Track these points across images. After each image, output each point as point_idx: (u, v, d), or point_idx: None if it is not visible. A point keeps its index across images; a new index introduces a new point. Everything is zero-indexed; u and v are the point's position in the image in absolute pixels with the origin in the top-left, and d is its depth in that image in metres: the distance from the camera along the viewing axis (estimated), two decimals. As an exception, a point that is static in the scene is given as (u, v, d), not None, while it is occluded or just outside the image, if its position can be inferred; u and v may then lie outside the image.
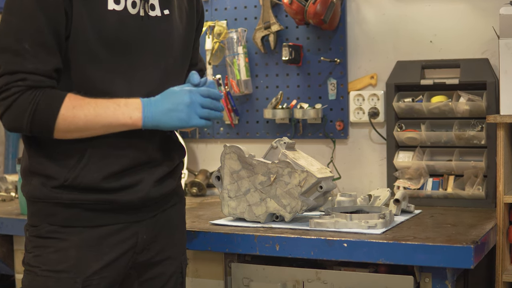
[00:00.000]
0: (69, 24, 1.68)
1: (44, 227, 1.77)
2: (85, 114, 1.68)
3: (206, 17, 3.16)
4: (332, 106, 2.99)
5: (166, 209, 1.93)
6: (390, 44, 2.90)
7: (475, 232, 2.13)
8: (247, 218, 2.29)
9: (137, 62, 1.78)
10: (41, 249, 1.77)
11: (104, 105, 1.70)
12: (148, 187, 1.83)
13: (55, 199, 1.75)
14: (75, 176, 1.74)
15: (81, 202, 1.76)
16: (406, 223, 2.29)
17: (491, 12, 2.68)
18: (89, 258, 1.77)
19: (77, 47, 1.70)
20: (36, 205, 1.79)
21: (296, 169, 2.22)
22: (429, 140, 2.74)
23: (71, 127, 1.69)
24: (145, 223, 1.86)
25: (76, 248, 1.76)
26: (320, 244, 2.08)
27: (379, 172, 2.93)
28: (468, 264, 1.95)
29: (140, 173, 1.82)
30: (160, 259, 1.92)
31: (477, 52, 2.75)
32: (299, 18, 2.86)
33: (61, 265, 1.75)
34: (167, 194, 1.91)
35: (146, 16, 1.79)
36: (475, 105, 2.65)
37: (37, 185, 1.77)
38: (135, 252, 1.85)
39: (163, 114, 1.74)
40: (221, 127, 3.19)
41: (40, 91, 1.66)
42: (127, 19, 1.75)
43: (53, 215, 1.77)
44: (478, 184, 2.63)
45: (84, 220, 1.78)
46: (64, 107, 1.67)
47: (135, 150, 1.80)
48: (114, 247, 1.80)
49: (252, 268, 2.22)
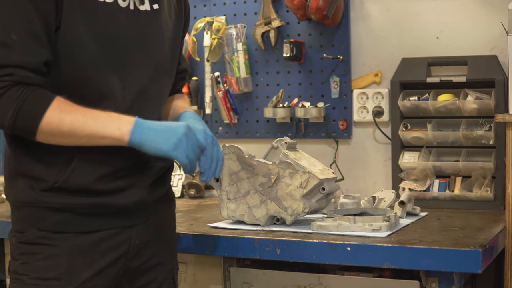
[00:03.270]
0: (59, 15, 1.66)
1: (33, 232, 1.74)
2: (72, 120, 1.65)
3: (205, 13, 3.17)
4: (335, 105, 2.99)
5: (158, 213, 1.92)
6: (395, 41, 2.90)
7: (483, 235, 2.13)
8: (247, 221, 2.29)
9: (128, 57, 1.77)
10: (29, 256, 1.74)
11: (94, 114, 1.67)
12: (142, 190, 1.82)
13: (44, 203, 1.72)
14: (66, 177, 1.72)
15: (73, 206, 1.74)
16: (412, 226, 2.29)
17: (500, 8, 2.68)
18: (80, 265, 1.75)
19: (68, 40, 1.68)
20: (23, 210, 1.76)
21: (298, 170, 2.22)
22: (436, 140, 2.74)
23: (55, 132, 1.65)
24: (137, 228, 1.85)
25: (66, 254, 1.74)
26: (323, 247, 2.08)
27: (383, 173, 2.93)
28: (476, 269, 1.95)
29: (134, 176, 1.81)
30: (151, 265, 1.91)
31: (485, 49, 2.75)
32: (301, 14, 2.86)
33: (51, 273, 1.73)
34: (159, 197, 1.91)
35: (136, 10, 1.78)
36: (483, 104, 2.65)
37: (24, 188, 1.74)
38: (127, 258, 1.84)
39: (154, 133, 1.70)
40: (220, 126, 3.19)
41: (28, 89, 1.64)
42: (117, 12, 1.74)
43: (42, 220, 1.74)
44: (486, 186, 2.63)
45: (76, 225, 1.75)
46: (50, 110, 1.64)
47: (127, 151, 1.78)
48: (106, 254, 1.79)
49: (252, 272, 2.22)
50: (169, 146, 1.71)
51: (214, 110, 3.19)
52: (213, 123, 3.20)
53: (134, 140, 1.69)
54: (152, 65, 1.83)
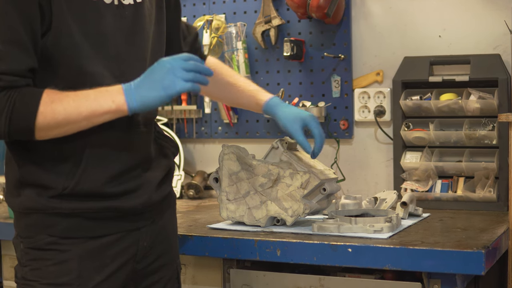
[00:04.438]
0: (48, 20, 1.65)
1: (43, 238, 1.74)
2: (65, 107, 1.64)
3: (204, 11, 3.17)
4: (336, 104, 2.99)
5: (162, 213, 1.93)
6: (397, 39, 2.90)
7: (486, 237, 2.13)
8: (247, 222, 2.29)
9: (119, 54, 1.77)
10: (39, 262, 1.74)
11: (84, 95, 1.66)
12: (149, 191, 1.83)
13: (53, 209, 1.72)
14: (76, 183, 1.72)
15: (82, 211, 1.74)
16: (414, 227, 2.29)
17: (503, 6, 2.68)
18: (91, 270, 1.75)
19: (62, 43, 1.67)
20: (31, 216, 1.75)
21: (298, 171, 2.22)
22: (438, 140, 2.74)
23: (51, 124, 1.64)
24: (145, 230, 1.86)
25: (77, 259, 1.74)
26: (324, 249, 2.07)
27: (385, 174, 2.93)
28: (479, 270, 1.95)
29: (141, 176, 1.82)
30: (157, 266, 1.92)
31: (489, 48, 2.75)
32: (301, 12, 2.86)
33: (63, 278, 1.73)
34: (165, 196, 1.91)
35: (120, 5, 1.78)
36: (486, 103, 2.65)
37: (32, 196, 1.73)
38: (135, 260, 1.85)
39: (147, 89, 1.68)
40: (219, 126, 3.19)
41: (15, 91, 1.63)
42: (103, 9, 1.74)
43: (51, 226, 1.74)
44: (490, 186, 2.63)
45: (85, 230, 1.76)
46: (42, 104, 1.63)
47: (134, 149, 1.79)
48: (115, 257, 1.80)
49: (252, 274, 2.22)
50: (168, 90, 1.68)
51: (213, 110, 3.19)
52: (213, 122, 3.20)
53: (133, 105, 1.68)
54: (143, 59, 1.83)
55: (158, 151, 1.90)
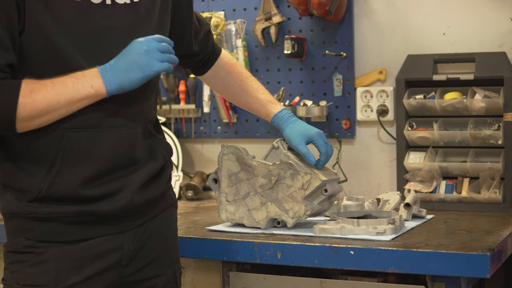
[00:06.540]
0: (21, 20, 1.66)
1: (21, 241, 1.76)
2: (44, 95, 1.67)
3: (203, 8, 3.17)
4: (337, 103, 2.99)
5: (155, 216, 1.92)
6: (400, 37, 2.90)
7: (491, 239, 2.13)
8: (247, 224, 2.29)
9: (107, 53, 1.76)
10: (17, 265, 1.77)
11: (61, 81, 1.68)
12: (130, 193, 1.81)
13: (30, 213, 1.74)
14: (49, 185, 1.73)
15: (59, 215, 1.75)
16: (418, 229, 2.29)
17: (508, 3, 2.68)
18: (68, 271, 1.76)
19: (37, 43, 1.68)
20: (12, 221, 1.78)
21: (299, 171, 2.22)
22: (442, 140, 2.74)
23: (32, 113, 1.67)
24: (131, 233, 1.85)
25: (54, 261, 1.75)
26: (325, 251, 2.07)
27: (388, 174, 2.93)
28: (484, 273, 1.95)
29: (122, 178, 1.80)
30: (150, 271, 1.90)
31: (494, 46, 2.75)
32: (302, 9, 2.86)
33: (40, 279, 1.74)
34: (153, 199, 1.90)
35: (113, 4, 1.77)
36: (492, 102, 2.65)
37: (12, 200, 1.76)
38: (121, 265, 1.83)
39: (124, 70, 1.72)
40: (218, 125, 3.19)
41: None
42: (90, 9, 1.74)
43: (29, 230, 1.76)
44: (495, 187, 2.63)
45: (63, 234, 1.76)
46: (22, 95, 1.65)
47: (113, 151, 1.77)
48: (96, 260, 1.79)
49: (252, 277, 2.22)
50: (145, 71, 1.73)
51: (212, 109, 3.19)
52: (212, 122, 3.20)
53: (112, 88, 1.72)
54: None
55: (147, 153, 1.88)
